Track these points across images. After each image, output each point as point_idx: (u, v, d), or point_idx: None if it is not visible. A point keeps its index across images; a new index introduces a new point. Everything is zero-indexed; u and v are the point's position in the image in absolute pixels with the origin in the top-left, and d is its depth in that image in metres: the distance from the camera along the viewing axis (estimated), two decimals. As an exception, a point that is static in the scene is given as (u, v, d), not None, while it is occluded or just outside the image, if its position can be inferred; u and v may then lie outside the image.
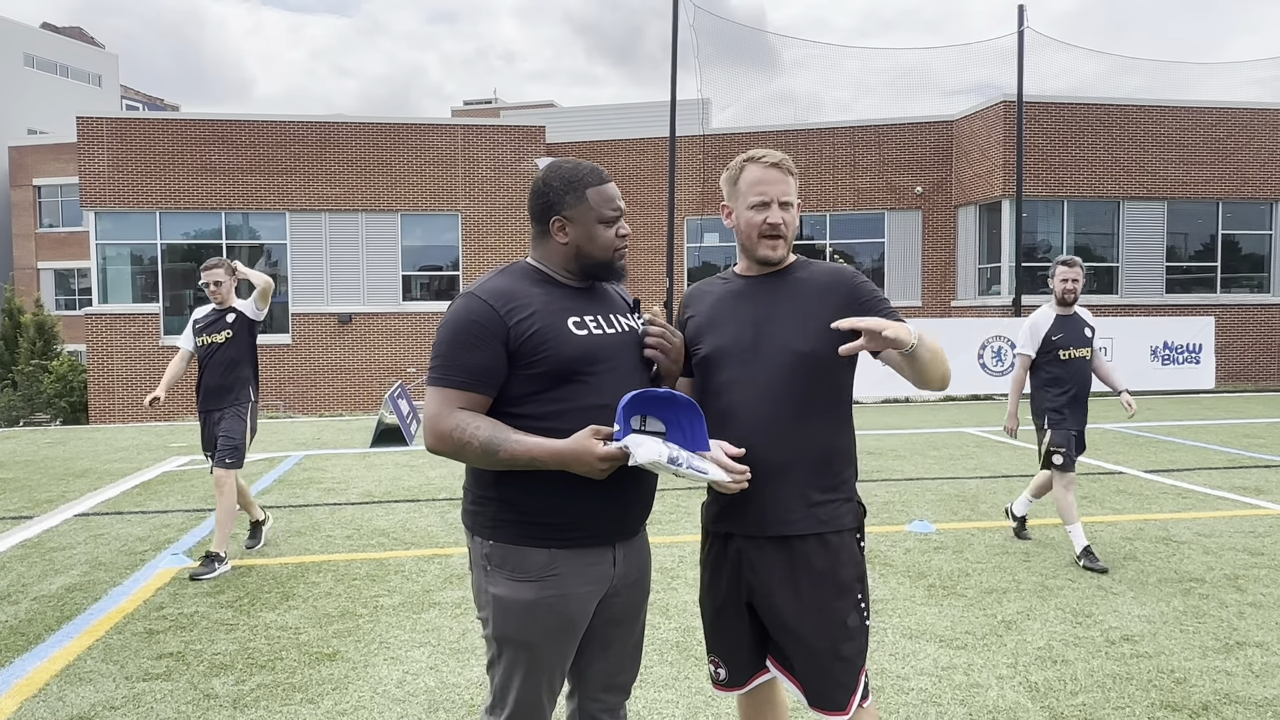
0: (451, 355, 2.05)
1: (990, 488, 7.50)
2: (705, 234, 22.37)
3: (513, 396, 2.08)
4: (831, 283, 2.27)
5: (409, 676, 3.72)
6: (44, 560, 5.55)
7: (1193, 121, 19.88)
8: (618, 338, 2.17)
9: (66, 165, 30.83)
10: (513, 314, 2.05)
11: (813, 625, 2.20)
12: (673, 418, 2.08)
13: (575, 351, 2.07)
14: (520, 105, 43.71)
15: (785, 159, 2.29)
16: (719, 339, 2.29)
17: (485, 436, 1.99)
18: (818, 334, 2.19)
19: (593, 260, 2.17)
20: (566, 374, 2.06)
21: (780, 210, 2.25)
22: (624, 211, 2.20)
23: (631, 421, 2.02)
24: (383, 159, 20.96)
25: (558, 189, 2.16)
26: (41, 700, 3.52)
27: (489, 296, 2.08)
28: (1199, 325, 16.43)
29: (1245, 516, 6.36)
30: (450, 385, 2.04)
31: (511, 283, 2.13)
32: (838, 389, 2.26)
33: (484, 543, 2.12)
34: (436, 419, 2.03)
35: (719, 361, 2.28)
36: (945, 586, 4.83)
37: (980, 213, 20.75)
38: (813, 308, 2.22)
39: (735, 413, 2.24)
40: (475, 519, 2.15)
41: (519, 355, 2.05)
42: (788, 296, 2.26)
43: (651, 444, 1.93)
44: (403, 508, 6.98)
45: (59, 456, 10.08)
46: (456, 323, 2.06)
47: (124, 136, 20.45)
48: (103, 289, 21.05)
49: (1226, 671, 3.68)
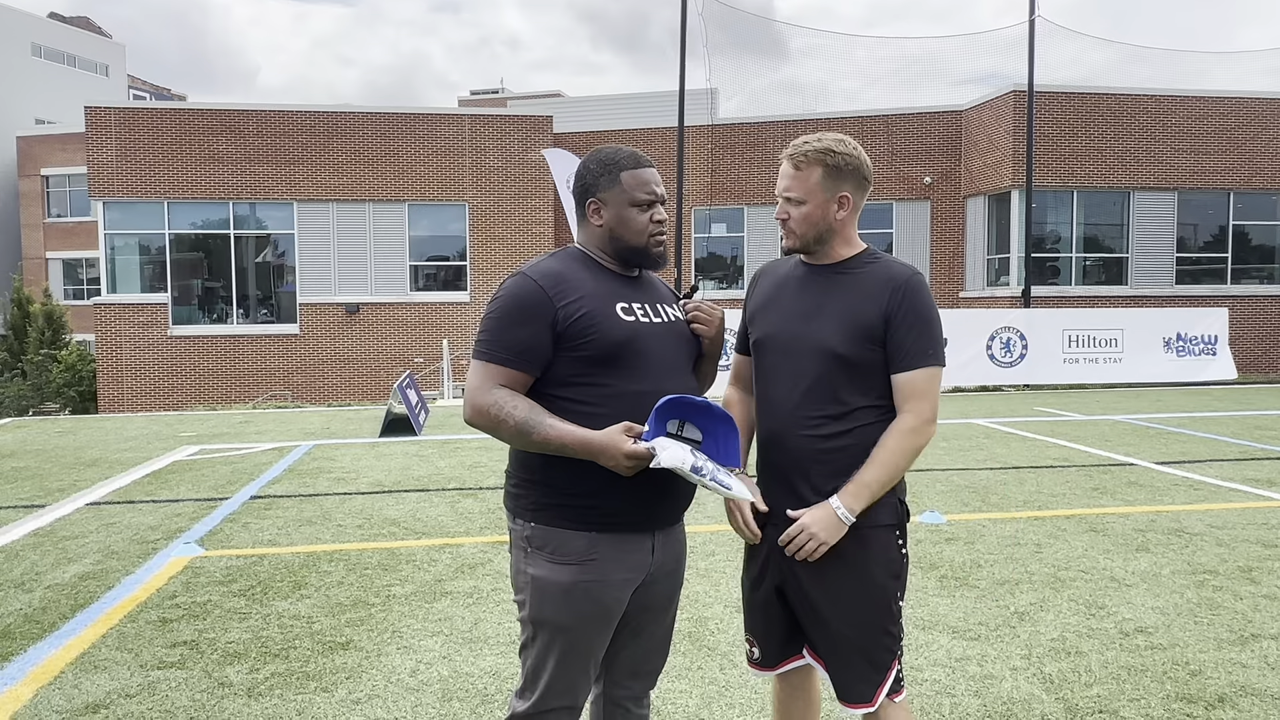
0: (498, 332, 2.08)
1: (1001, 479, 7.48)
2: (713, 224, 22.32)
3: (557, 378, 2.10)
4: (880, 286, 2.20)
5: (422, 665, 3.72)
6: (57, 549, 5.57)
7: (1203, 111, 19.74)
8: (663, 326, 2.20)
9: (74, 155, 30.86)
10: (561, 295, 2.08)
11: (839, 617, 2.20)
12: (709, 428, 2.10)
13: (622, 336, 2.09)
14: (527, 95, 43.62)
15: (804, 151, 2.22)
16: (769, 324, 2.31)
17: (521, 417, 2.02)
18: (855, 337, 2.18)
19: (625, 244, 2.18)
20: (612, 358, 2.08)
21: (786, 205, 2.25)
22: (660, 198, 2.20)
23: (669, 425, 2.04)
24: (390, 149, 20.94)
25: (594, 171, 2.19)
26: (57, 688, 3.54)
27: (539, 277, 2.10)
28: (1213, 316, 16.33)
29: (1259, 509, 6.33)
30: (494, 361, 2.07)
31: (562, 265, 2.16)
32: (877, 389, 2.22)
33: (525, 525, 2.13)
34: (477, 392, 2.07)
35: (766, 347, 2.30)
36: (957, 578, 4.82)
37: (989, 203, 20.66)
38: (856, 309, 2.20)
39: (774, 402, 2.27)
40: (517, 501, 2.16)
41: (566, 337, 2.07)
42: (838, 293, 2.24)
43: (678, 450, 1.95)
44: (413, 497, 6.99)
45: (69, 446, 10.12)
46: (505, 301, 2.09)
47: (132, 126, 20.46)
48: (111, 279, 21.09)
49: (1242, 664, 3.67)
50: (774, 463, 2.26)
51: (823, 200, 2.22)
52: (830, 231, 2.25)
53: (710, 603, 4.42)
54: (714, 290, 21.88)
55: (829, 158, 2.20)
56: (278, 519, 6.29)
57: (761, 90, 21.37)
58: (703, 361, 2.32)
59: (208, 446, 9.83)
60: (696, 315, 2.26)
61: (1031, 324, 15.71)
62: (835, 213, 2.24)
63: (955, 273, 21.60)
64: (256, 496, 7.08)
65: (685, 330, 2.26)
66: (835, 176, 2.22)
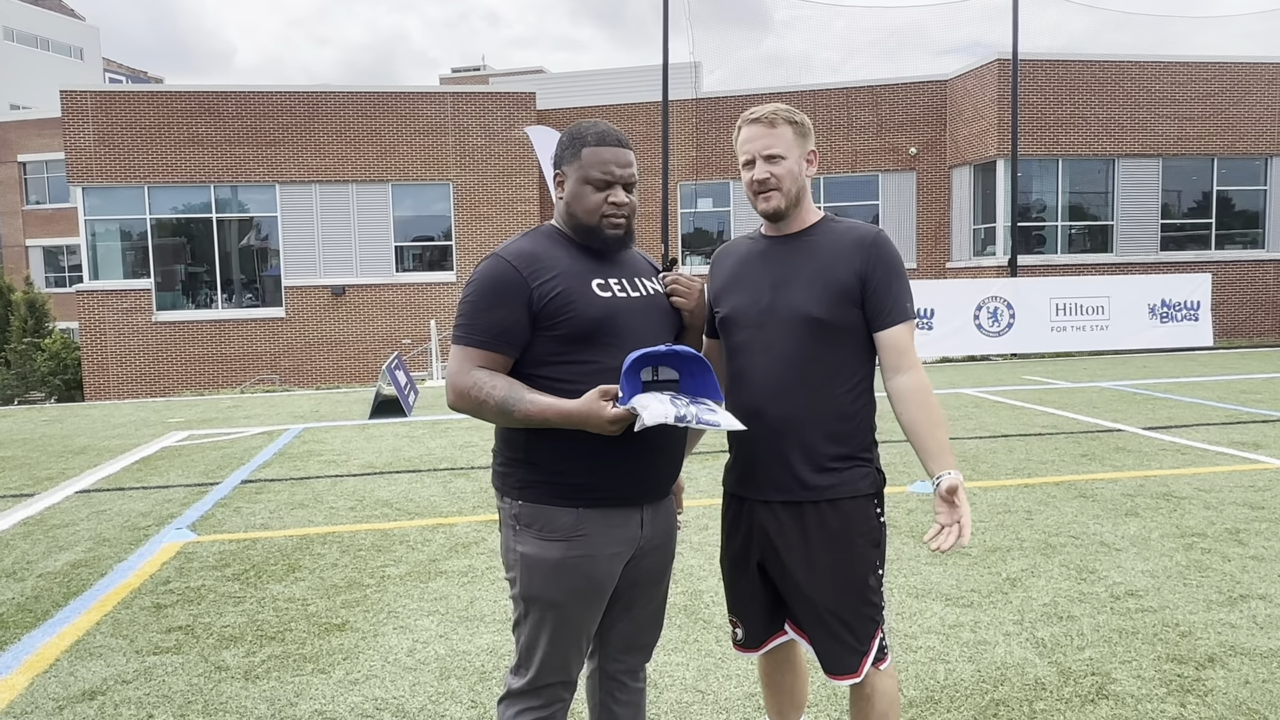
0: (474, 315, 2.07)
1: (990, 447, 7.53)
2: (699, 199, 22.25)
3: (537, 358, 2.09)
4: (850, 247, 2.21)
5: (419, 645, 3.73)
6: (47, 537, 5.54)
7: (1186, 77, 19.74)
8: (642, 301, 2.17)
9: (51, 140, 30.47)
10: (536, 275, 2.06)
11: (822, 590, 2.20)
12: (683, 368, 2.06)
13: (599, 313, 2.07)
14: (510, 72, 43.26)
15: (774, 110, 2.23)
16: (736, 300, 2.28)
17: (501, 396, 2.01)
18: (831, 299, 2.17)
19: (578, 222, 2.14)
20: (589, 336, 2.06)
21: (765, 164, 2.21)
22: (620, 179, 2.11)
23: (643, 374, 2.01)
24: (372, 128, 20.74)
25: (563, 143, 2.17)
26: (53, 675, 3.53)
27: (513, 258, 2.09)
28: (1196, 282, 16.42)
29: (1245, 471, 6.39)
30: (472, 344, 2.07)
31: (536, 245, 2.13)
32: (854, 355, 2.22)
33: (513, 503, 2.13)
34: (457, 376, 2.07)
35: (735, 322, 2.27)
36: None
37: (975, 173, 20.65)
38: (829, 272, 2.19)
39: (748, 376, 2.24)
40: (504, 480, 2.16)
41: (542, 316, 2.05)
42: (806, 259, 2.23)
43: (658, 405, 1.90)
44: (405, 478, 6.98)
45: (57, 434, 10.05)
46: (480, 283, 2.08)
47: (109, 110, 20.18)
48: (93, 265, 20.89)
49: (1231, 624, 3.71)
50: (754, 436, 2.20)
51: (798, 155, 2.24)
52: (804, 190, 2.26)
53: (705, 576, 4.44)
54: (701, 265, 21.85)
55: (795, 116, 2.25)
56: (269, 502, 6.27)
57: (745, 63, 21.33)
58: (685, 335, 2.30)
59: (197, 432, 9.79)
60: (675, 288, 2.24)
61: (1018, 293, 15.76)
62: (806, 170, 2.27)
63: (942, 243, 21.62)
64: (247, 481, 7.06)
65: (665, 304, 2.23)
66: (802, 134, 2.26)
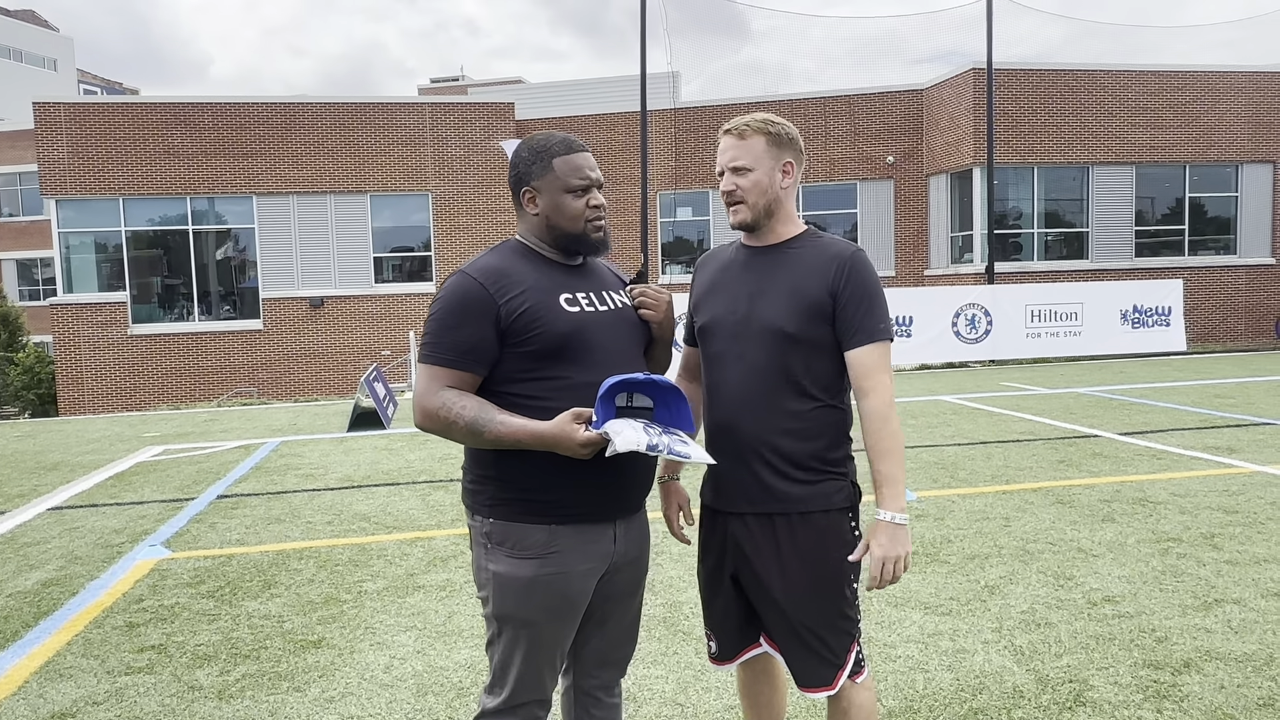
0: (441, 333, 2.05)
1: (968, 454, 7.56)
2: (679, 208, 22.29)
3: (505, 375, 2.07)
4: (825, 264, 2.20)
5: (396, 661, 3.69)
6: (18, 556, 5.45)
7: (1159, 85, 20.01)
8: (611, 314, 2.17)
9: (24, 153, 30.13)
10: (503, 292, 2.05)
11: (795, 603, 2.19)
12: (659, 397, 2.07)
13: (567, 328, 2.06)
14: (488, 82, 43.24)
15: (747, 121, 2.23)
16: (714, 310, 2.28)
17: (471, 416, 1.99)
18: (804, 314, 2.17)
19: (563, 231, 2.14)
20: (559, 351, 2.05)
21: (731, 176, 2.22)
22: (595, 181, 2.15)
23: (618, 399, 2.01)
24: (350, 139, 20.65)
25: (526, 159, 2.15)
26: (21, 698, 3.47)
27: (479, 275, 2.07)
28: (1168, 288, 16.62)
29: (1219, 476, 6.45)
30: (439, 363, 2.05)
31: (502, 260, 2.12)
32: (828, 369, 2.21)
33: (484, 521, 2.11)
34: (424, 396, 2.04)
35: (712, 333, 2.27)
36: (928, 554, 4.86)
37: (951, 181, 20.81)
38: (802, 287, 2.19)
39: (722, 387, 2.24)
40: (475, 498, 2.14)
41: (511, 333, 2.04)
42: (784, 272, 2.23)
43: (630, 432, 1.91)
44: (382, 491, 6.93)
45: (29, 450, 9.92)
46: (446, 301, 2.06)
47: (83, 122, 19.98)
48: (67, 278, 20.63)
49: (1206, 629, 3.74)
50: (727, 448, 2.21)
51: (770, 167, 2.22)
52: (777, 202, 2.25)
53: (684, 587, 4.43)
54: (680, 274, 21.87)
55: (770, 126, 2.23)
56: (245, 518, 6.21)
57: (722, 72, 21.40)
58: (654, 347, 2.29)
59: (172, 446, 9.68)
60: (643, 300, 2.23)
61: (995, 300, 15.88)
62: (780, 181, 2.24)
63: (920, 251, 21.76)
64: (223, 496, 6.99)
65: (633, 316, 2.22)
66: (778, 144, 2.23)
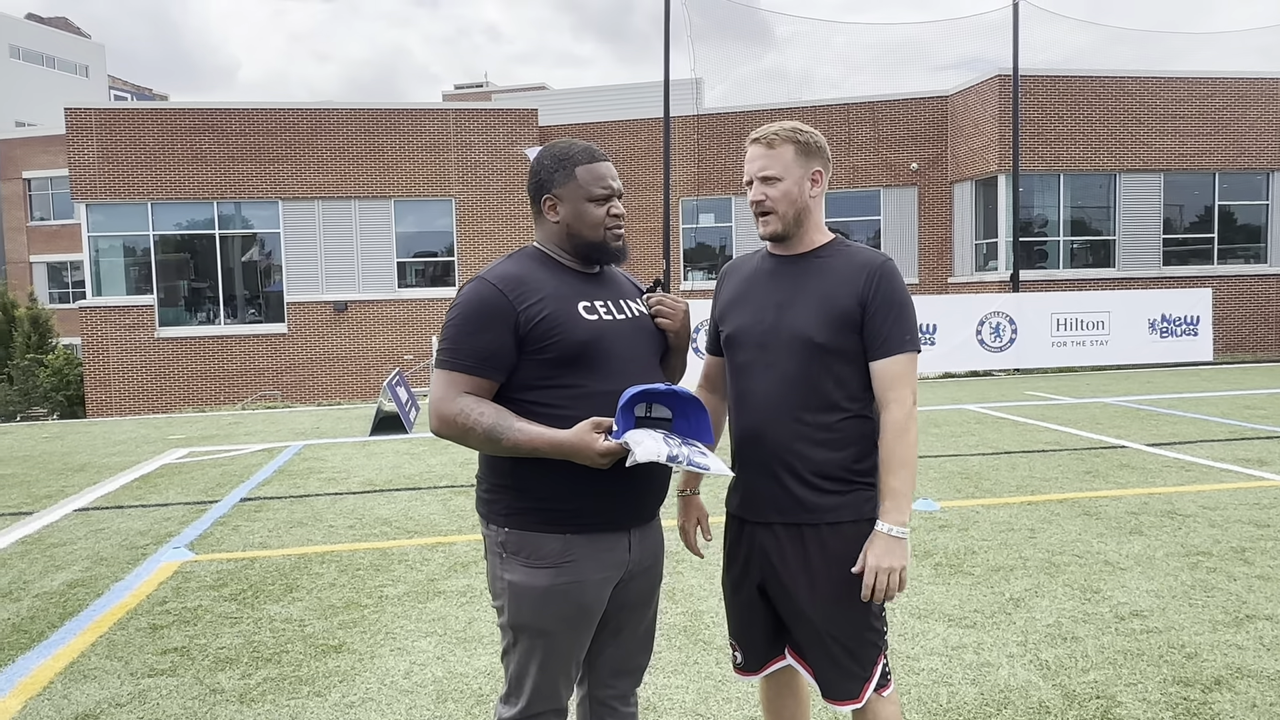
0: (459, 339, 2.05)
1: (993, 464, 7.48)
2: (701, 215, 22.28)
3: (523, 382, 2.07)
4: (855, 272, 2.18)
5: (416, 667, 3.69)
6: (45, 556, 5.51)
7: (1188, 92, 19.77)
8: (629, 323, 2.16)
9: (56, 157, 30.60)
10: (522, 299, 2.04)
11: (823, 614, 2.17)
12: (678, 408, 2.06)
13: (586, 336, 2.06)
14: (512, 89, 43.46)
15: (776, 130, 2.22)
16: (741, 319, 2.27)
17: (489, 423, 1.99)
18: (833, 324, 2.15)
19: (583, 239, 2.15)
20: (577, 359, 2.05)
21: (760, 186, 2.21)
22: (617, 191, 2.16)
23: (637, 409, 2.00)
24: (375, 145, 20.82)
25: (548, 167, 2.15)
26: (46, 698, 3.50)
27: (498, 281, 2.07)
28: (1196, 297, 16.39)
29: (1250, 489, 6.35)
30: (457, 369, 2.04)
31: (520, 268, 2.12)
32: (856, 378, 2.19)
33: (499, 530, 2.10)
34: (441, 402, 2.04)
35: (739, 342, 2.26)
36: (952, 565, 4.81)
37: (976, 188, 20.67)
38: (832, 296, 2.17)
39: (750, 397, 2.22)
40: (490, 507, 2.13)
41: (529, 340, 2.04)
42: (812, 281, 2.21)
43: (650, 442, 1.91)
44: (404, 496, 6.95)
45: (57, 451, 10.03)
46: (465, 307, 2.06)
47: (113, 127, 20.26)
48: (96, 281, 20.92)
49: (1238, 645, 3.67)
50: (755, 458, 2.20)
51: (799, 176, 2.21)
52: (806, 211, 2.23)
53: (705, 596, 4.40)
54: (702, 280, 21.85)
55: (799, 134, 2.22)
56: (268, 521, 6.24)
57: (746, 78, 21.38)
58: (670, 355, 2.28)
59: (197, 449, 9.77)
60: (660, 309, 2.23)
61: (1020, 308, 15.73)
62: (809, 190, 2.23)
63: (944, 258, 21.62)
64: (247, 499, 7.03)
65: (650, 325, 2.22)
66: (806, 153, 2.22)
